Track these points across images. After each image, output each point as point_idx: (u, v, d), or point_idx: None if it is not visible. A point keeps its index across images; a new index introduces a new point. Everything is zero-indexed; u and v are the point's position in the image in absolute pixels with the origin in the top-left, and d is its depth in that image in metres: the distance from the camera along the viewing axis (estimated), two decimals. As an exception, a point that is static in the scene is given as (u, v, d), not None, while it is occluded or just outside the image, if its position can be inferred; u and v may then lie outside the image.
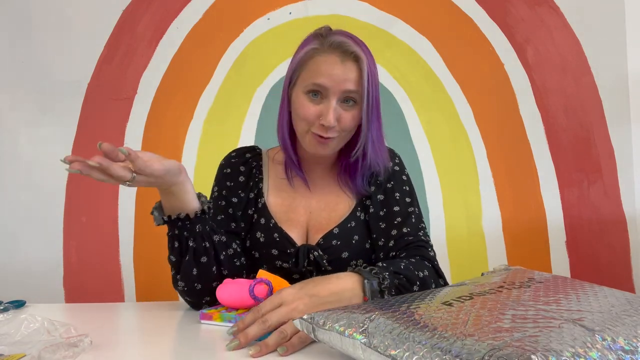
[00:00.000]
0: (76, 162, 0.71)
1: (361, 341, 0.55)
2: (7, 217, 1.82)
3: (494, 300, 0.60)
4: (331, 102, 0.91)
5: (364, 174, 1.01)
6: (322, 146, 0.94)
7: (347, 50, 0.92)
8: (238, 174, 1.05)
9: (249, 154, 1.08)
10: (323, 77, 0.91)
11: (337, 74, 0.90)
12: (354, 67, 0.92)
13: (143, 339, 0.78)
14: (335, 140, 0.95)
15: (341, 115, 0.92)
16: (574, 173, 1.73)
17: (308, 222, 1.02)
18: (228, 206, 1.02)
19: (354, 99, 0.93)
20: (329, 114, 0.90)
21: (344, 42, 0.92)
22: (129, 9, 1.83)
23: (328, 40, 0.93)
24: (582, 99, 1.74)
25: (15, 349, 0.62)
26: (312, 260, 0.98)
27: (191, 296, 0.93)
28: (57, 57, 1.83)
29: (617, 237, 1.71)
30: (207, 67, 1.82)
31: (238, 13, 1.82)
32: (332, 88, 0.91)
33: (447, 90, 1.78)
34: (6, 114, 1.85)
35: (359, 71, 0.92)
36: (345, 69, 0.91)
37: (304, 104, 0.93)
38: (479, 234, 1.75)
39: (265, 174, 1.06)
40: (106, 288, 1.78)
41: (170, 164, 0.81)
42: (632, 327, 0.53)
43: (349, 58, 0.92)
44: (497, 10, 1.77)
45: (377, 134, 0.97)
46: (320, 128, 0.92)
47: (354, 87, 0.91)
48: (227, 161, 1.08)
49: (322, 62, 0.92)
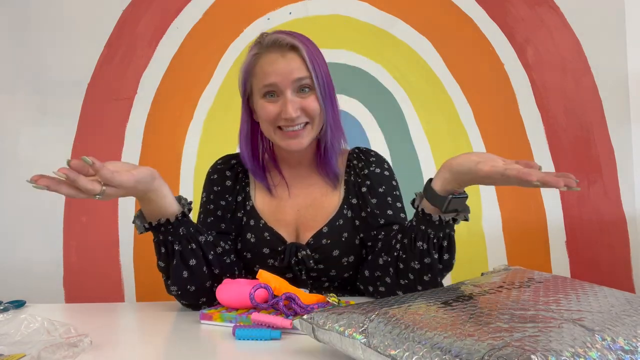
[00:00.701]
0: (42, 179, 0.70)
1: (361, 341, 0.55)
2: (7, 217, 1.82)
3: (494, 300, 0.60)
4: (286, 95, 0.95)
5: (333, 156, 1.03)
6: (294, 140, 0.97)
7: (282, 44, 0.96)
8: (225, 178, 1.07)
9: (234, 160, 1.10)
10: (271, 76, 0.95)
11: (282, 68, 0.94)
12: (295, 56, 0.96)
13: (143, 339, 0.78)
14: (307, 128, 0.98)
15: (302, 104, 0.96)
16: (574, 173, 1.72)
17: (297, 220, 1.04)
18: (216, 209, 1.04)
19: (307, 85, 0.96)
20: (287, 106, 0.94)
21: (277, 39, 0.96)
22: (129, 9, 1.83)
23: (264, 43, 0.97)
24: (582, 99, 1.74)
25: (15, 349, 0.62)
26: (300, 259, 0.99)
27: (186, 299, 0.93)
28: (57, 57, 1.83)
29: (617, 237, 1.71)
30: (207, 67, 1.82)
31: (238, 13, 1.82)
32: (281, 82, 0.94)
33: (447, 90, 1.78)
34: (6, 114, 1.85)
35: (301, 58, 0.95)
36: (287, 60, 0.95)
37: (264, 106, 0.97)
38: (479, 234, 1.75)
39: (252, 178, 1.08)
40: (106, 288, 1.78)
41: (141, 173, 0.79)
42: (632, 327, 0.53)
43: (287, 50, 0.95)
44: (497, 10, 1.77)
45: (332, 116, 1.00)
46: (286, 123, 0.96)
47: (303, 74, 0.95)
48: (214, 168, 1.11)
49: (265, 63, 0.96)
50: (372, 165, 1.07)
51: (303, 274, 1.01)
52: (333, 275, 1.02)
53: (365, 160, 1.08)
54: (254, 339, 0.70)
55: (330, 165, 1.04)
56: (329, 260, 1.00)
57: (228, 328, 0.76)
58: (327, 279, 1.02)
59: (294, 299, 0.77)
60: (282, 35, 0.96)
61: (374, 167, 1.07)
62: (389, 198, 1.03)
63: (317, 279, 1.02)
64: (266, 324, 0.73)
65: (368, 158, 1.09)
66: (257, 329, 0.71)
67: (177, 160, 1.79)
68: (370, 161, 1.08)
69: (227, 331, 0.75)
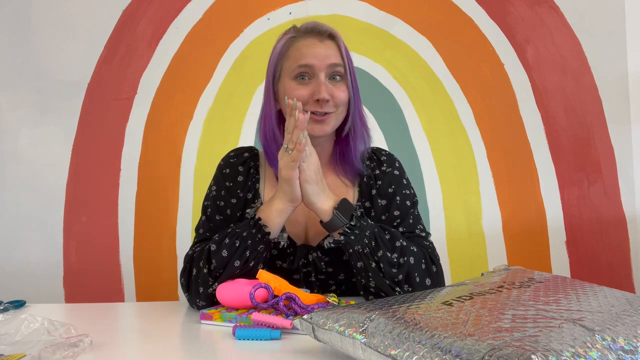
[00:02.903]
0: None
1: (361, 341, 0.55)
2: (7, 217, 1.82)
3: (494, 300, 0.60)
4: (320, 78, 0.96)
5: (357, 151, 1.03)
6: (320, 125, 0.97)
7: (322, 31, 0.98)
8: (237, 174, 1.05)
9: (247, 154, 1.08)
10: (307, 58, 0.96)
11: (320, 52, 0.96)
12: (332, 44, 0.98)
13: (143, 339, 0.78)
14: (332, 116, 0.98)
15: (332, 91, 0.97)
16: (574, 173, 1.73)
17: (306, 220, 1.02)
18: (226, 207, 1.02)
19: (340, 73, 0.98)
20: (321, 88, 0.95)
21: (316, 25, 0.99)
22: (129, 9, 1.83)
23: (302, 28, 1.00)
24: (582, 99, 1.73)
25: (15, 349, 0.62)
26: (311, 261, 0.98)
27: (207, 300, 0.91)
28: (57, 57, 1.83)
29: (617, 237, 1.71)
30: (207, 67, 1.82)
31: (238, 13, 1.82)
32: (318, 65, 0.96)
33: (447, 90, 1.78)
34: (6, 114, 1.85)
35: (338, 47, 0.98)
36: (325, 46, 0.97)
37: (295, 87, 0.97)
38: (479, 234, 1.75)
39: (261, 175, 1.06)
40: (106, 288, 1.78)
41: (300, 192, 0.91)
42: (632, 327, 0.53)
43: (325, 37, 0.98)
44: (497, 10, 1.77)
45: (358, 109, 1.02)
46: (316, 105, 0.95)
47: (338, 61, 0.97)
48: (226, 161, 1.08)
49: (303, 45, 0.97)
50: (383, 165, 1.06)
51: (312, 276, 0.99)
52: (341, 279, 1.01)
53: (377, 161, 1.07)
54: (254, 339, 0.70)
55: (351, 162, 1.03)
56: (338, 263, 0.98)
57: (228, 328, 0.76)
58: (335, 282, 1.01)
59: (294, 299, 0.77)
60: (321, 24, 0.99)
61: (386, 166, 1.06)
62: (398, 198, 1.03)
63: (325, 282, 1.01)
64: (266, 324, 0.73)
65: (380, 158, 1.08)
66: (257, 329, 0.71)
67: (177, 160, 1.79)
68: (381, 161, 1.07)
69: (227, 331, 0.75)
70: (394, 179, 1.05)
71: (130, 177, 1.79)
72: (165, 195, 1.78)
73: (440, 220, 1.75)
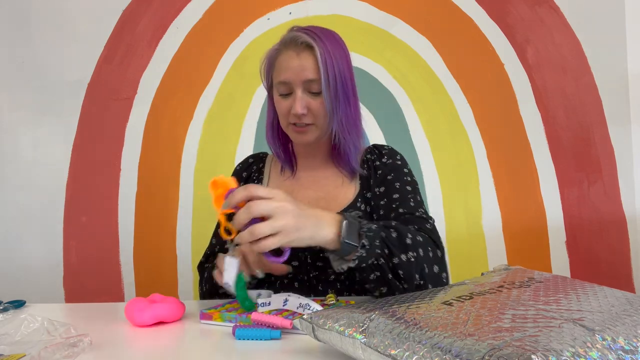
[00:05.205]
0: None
1: (361, 341, 0.55)
2: (7, 217, 1.82)
3: (494, 300, 0.60)
4: (297, 93, 0.98)
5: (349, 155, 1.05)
6: (300, 135, 1.02)
7: (299, 42, 0.98)
8: (240, 180, 1.12)
9: (251, 160, 1.17)
10: (284, 73, 0.98)
11: (294, 67, 0.97)
12: (309, 56, 0.97)
13: (143, 339, 0.78)
14: (312, 128, 1.01)
15: (309, 104, 0.99)
16: (574, 173, 1.73)
17: None
18: None
19: (314, 89, 0.98)
20: (296, 103, 0.97)
21: (295, 36, 0.98)
22: (129, 9, 1.83)
23: (283, 39, 1.01)
24: (582, 99, 1.73)
25: (15, 348, 0.62)
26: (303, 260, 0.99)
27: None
28: (57, 57, 1.83)
29: (617, 237, 1.71)
30: (207, 67, 1.82)
31: (238, 13, 1.82)
32: (293, 80, 0.98)
33: (447, 90, 1.78)
34: (6, 114, 1.85)
35: (314, 58, 0.97)
36: (301, 60, 0.97)
37: (278, 101, 1.02)
38: (479, 234, 1.75)
39: (265, 174, 1.12)
40: (106, 288, 1.78)
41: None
42: (632, 327, 0.53)
43: (302, 49, 0.97)
44: (497, 10, 1.77)
45: (346, 118, 1.01)
46: (295, 119, 1.00)
47: (313, 76, 0.97)
48: (234, 171, 1.17)
49: (282, 59, 1.00)
50: (384, 157, 1.09)
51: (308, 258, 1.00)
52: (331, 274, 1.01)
53: (378, 154, 1.10)
54: (254, 339, 0.70)
55: (346, 162, 1.05)
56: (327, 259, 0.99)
57: (228, 328, 0.76)
58: (333, 271, 1.00)
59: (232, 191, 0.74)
60: (300, 33, 0.98)
61: (386, 158, 1.09)
62: (397, 183, 1.03)
63: (324, 269, 1.00)
64: (266, 324, 0.73)
65: (381, 151, 1.11)
66: (257, 329, 0.71)
67: (177, 161, 1.79)
68: (382, 153, 1.10)
69: (227, 331, 0.75)
70: (395, 168, 1.07)
71: (130, 177, 1.79)
72: (165, 196, 1.78)
73: (440, 220, 1.75)
